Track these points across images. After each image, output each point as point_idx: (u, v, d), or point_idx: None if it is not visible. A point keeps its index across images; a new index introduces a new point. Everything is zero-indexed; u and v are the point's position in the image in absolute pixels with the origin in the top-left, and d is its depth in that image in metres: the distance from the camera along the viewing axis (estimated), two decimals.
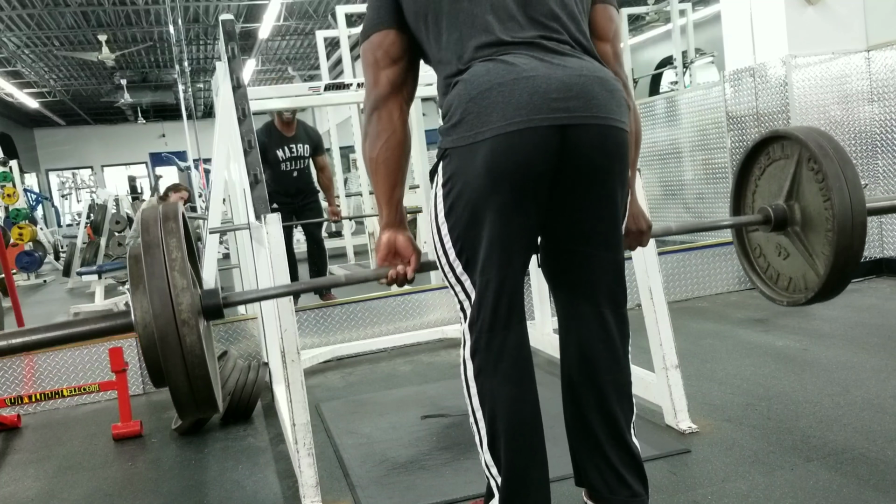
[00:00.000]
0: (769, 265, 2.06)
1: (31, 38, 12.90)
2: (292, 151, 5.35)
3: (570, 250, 1.64)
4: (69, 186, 19.41)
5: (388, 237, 1.69)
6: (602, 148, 1.52)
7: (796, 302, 1.95)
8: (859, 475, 2.01)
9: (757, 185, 2.05)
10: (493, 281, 1.53)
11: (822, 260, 1.81)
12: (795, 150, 1.86)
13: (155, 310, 1.32)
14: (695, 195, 5.86)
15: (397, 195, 1.68)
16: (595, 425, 1.67)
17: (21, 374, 3.64)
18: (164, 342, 1.32)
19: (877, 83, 4.54)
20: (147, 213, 1.44)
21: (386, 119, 1.63)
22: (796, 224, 1.89)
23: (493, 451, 1.58)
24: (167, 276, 1.33)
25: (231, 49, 2.73)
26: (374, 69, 1.65)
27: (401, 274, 1.69)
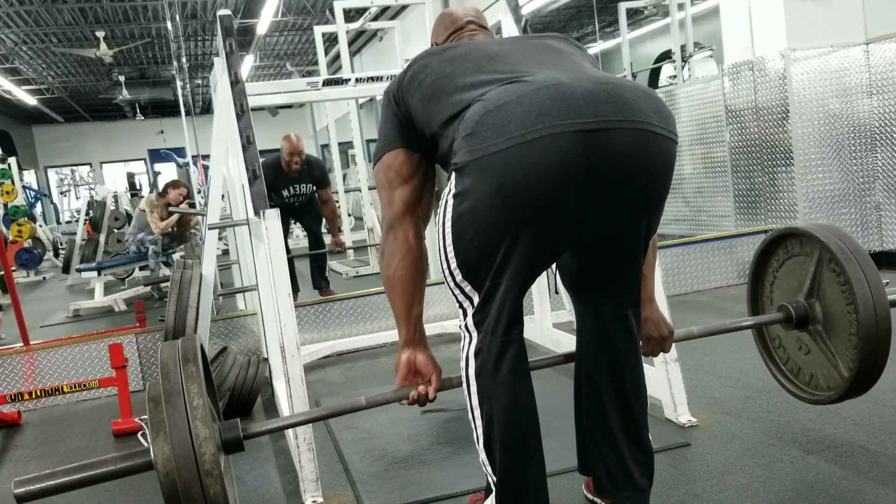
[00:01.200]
0: (789, 358, 2.06)
1: (28, 34, 12.86)
2: (296, 190, 5.53)
3: (600, 260, 1.62)
4: (68, 183, 19.37)
5: (408, 356, 1.67)
6: (639, 153, 1.41)
7: (820, 401, 1.95)
8: (859, 468, 2.02)
9: (775, 277, 2.05)
10: (501, 287, 1.50)
11: (846, 362, 1.82)
12: (815, 248, 1.86)
13: (178, 461, 1.31)
14: (694, 189, 5.86)
15: (415, 313, 1.66)
16: (614, 423, 1.68)
17: (21, 371, 3.65)
18: (188, 494, 1.31)
19: (876, 76, 4.54)
20: (166, 353, 1.42)
21: (402, 238, 1.63)
22: (818, 323, 1.88)
23: (489, 451, 1.58)
24: (189, 425, 1.32)
25: (229, 45, 2.73)
26: (388, 189, 1.66)
27: (422, 394, 1.67)
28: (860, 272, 1.74)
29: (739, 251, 4.70)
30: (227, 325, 4.02)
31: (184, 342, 1.46)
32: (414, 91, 1.62)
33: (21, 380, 3.65)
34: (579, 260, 1.67)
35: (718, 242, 4.72)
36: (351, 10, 7.99)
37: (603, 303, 1.66)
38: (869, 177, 4.63)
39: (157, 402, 1.36)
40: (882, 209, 4.61)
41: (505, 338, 1.54)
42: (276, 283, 2.25)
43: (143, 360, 3.78)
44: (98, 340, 3.72)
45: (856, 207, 4.62)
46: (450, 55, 1.63)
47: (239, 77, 2.66)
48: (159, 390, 1.37)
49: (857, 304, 1.73)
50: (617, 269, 1.61)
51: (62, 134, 22.75)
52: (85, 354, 3.70)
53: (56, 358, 3.68)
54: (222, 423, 1.53)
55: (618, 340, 1.66)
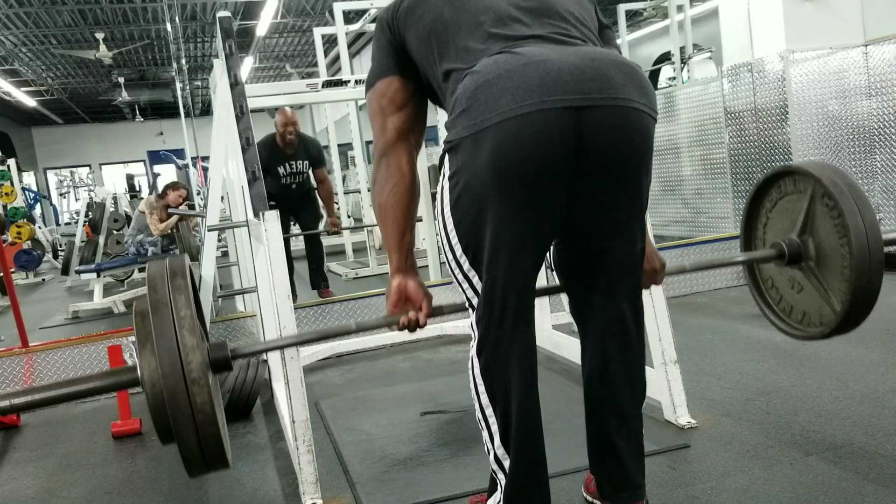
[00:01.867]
0: (782, 298, 2.05)
1: (28, 36, 12.87)
2: (293, 168, 5.47)
3: (590, 245, 1.60)
4: (67, 185, 19.39)
5: (399, 283, 1.66)
6: (621, 131, 1.44)
7: (812, 337, 1.94)
8: (858, 469, 2.02)
9: (768, 218, 2.04)
10: (500, 278, 1.50)
11: (839, 296, 1.81)
12: (809, 185, 1.85)
13: (164, 370, 1.29)
14: (693, 191, 5.86)
15: (407, 241, 1.66)
16: (610, 423, 1.68)
17: (20, 373, 3.64)
18: (174, 402, 1.29)
19: (875, 77, 4.54)
20: (154, 268, 1.42)
21: (394, 165, 1.63)
22: (811, 259, 1.88)
23: (507, 445, 1.57)
24: (176, 335, 1.31)
25: (229, 46, 2.73)
26: (381, 117, 1.65)
27: (412, 320, 1.65)
28: (854, 205, 1.73)
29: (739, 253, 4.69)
30: (227, 327, 4.02)
31: (172, 259, 1.46)
32: (410, 26, 1.62)
33: (20, 381, 3.65)
34: (570, 245, 1.65)
35: (718, 244, 4.72)
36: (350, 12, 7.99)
37: (595, 296, 1.63)
38: (868, 178, 4.63)
39: (144, 315, 1.35)
40: (881, 210, 4.62)
41: (512, 330, 1.53)
42: (275, 285, 2.25)
43: None
44: (97, 342, 3.72)
45: None
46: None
47: (238, 79, 2.66)
48: (146, 303, 1.35)
49: (850, 237, 1.72)
50: (608, 255, 1.59)
51: (61, 135, 22.76)
52: (84, 356, 3.69)
53: (55, 359, 3.68)
54: (210, 343, 1.53)
55: (610, 341, 1.64)
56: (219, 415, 1.38)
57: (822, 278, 1.85)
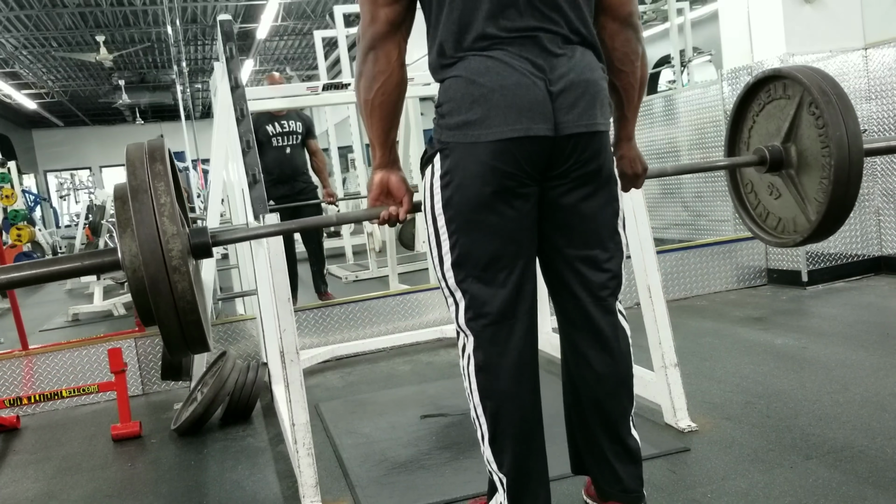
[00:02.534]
0: (759, 203, 2.04)
1: (28, 38, 12.89)
2: (283, 127, 5.33)
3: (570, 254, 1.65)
4: (67, 187, 19.37)
5: (382, 177, 1.68)
6: (590, 153, 1.57)
7: (785, 244, 1.94)
8: (858, 473, 2.01)
9: (755, 122, 2.02)
10: (489, 277, 1.53)
11: (814, 206, 1.81)
12: (797, 91, 1.84)
13: (144, 256, 1.29)
14: (693, 194, 5.86)
15: (392, 137, 1.66)
16: (591, 421, 1.70)
17: (20, 375, 3.64)
18: (156, 289, 1.30)
19: (874, 81, 4.54)
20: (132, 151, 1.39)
21: (383, 60, 1.57)
22: (791, 167, 1.88)
23: (495, 447, 1.59)
24: (156, 222, 1.30)
25: (229, 49, 2.73)
26: (372, 5, 1.57)
27: (393, 214, 1.67)
28: (839, 115, 1.73)
29: (738, 256, 4.70)
30: (227, 330, 4.02)
31: (151, 142, 1.44)
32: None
33: (20, 384, 3.64)
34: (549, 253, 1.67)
35: (717, 247, 4.71)
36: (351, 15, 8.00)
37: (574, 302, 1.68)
38: (868, 181, 4.63)
39: (124, 200, 1.34)
40: (881, 214, 4.62)
41: (506, 329, 1.55)
42: (275, 288, 2.25)
43: (142, 365, 3.77)
44: (97, 345, 3.72)
45: (854, 213, 4.57)
46: None
47: (239, 81, 2.67)
48: (125, 189, 1.34)
49: (832, 148, 1.72)
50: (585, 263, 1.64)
51: (62, 138, 22.77)
52: (84, 359, 3.69)
53: (55, 362, 3.67)
54: (191, 229, 1.52)
55: (590, 346, 1.68)
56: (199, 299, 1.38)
57: (800, 187, 1.85)
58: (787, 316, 3.87)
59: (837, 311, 3.83)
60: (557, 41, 1.53)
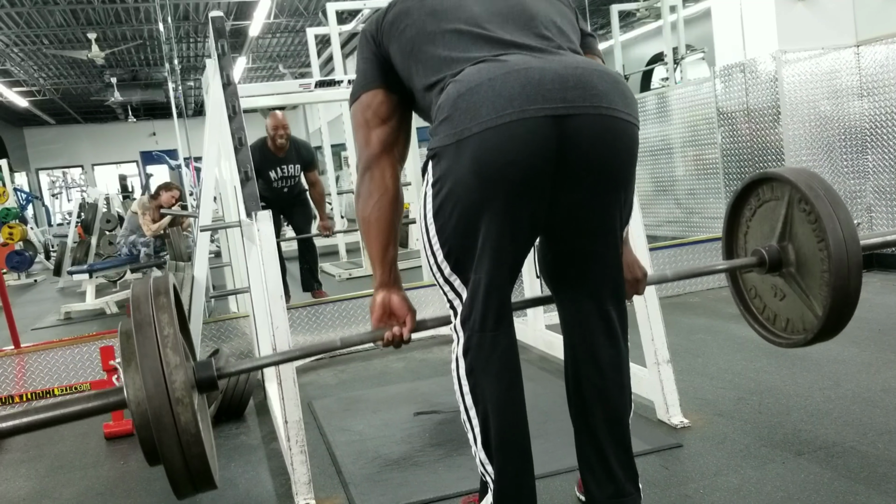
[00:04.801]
0: (765, 306, 2.06)
1: (20, 36, 12.81)
2: (284, 172, 5.45)
3: (574, 250, 1.61)
4: (59, 185, 19.32)
5: (383, 298, 1.66)
6: (605, 139, 1.44)
7: (796, 344, 1.94)
8: (850, 468, 2.02)
9: (749, 227, 2.05)
10: (484, 281, 1.51)
11: (819, 300, 1.81)
12: (785, 191, 1.86)
13: (148, 389, 1.28)
14: (686, 191, 5.88)
15: (391, 255, 1.66)
16: (598, 424, 1.67)
17: (12, 374, 3.63)
18: (159, 422, 1.28)
19: (866, 78, 4.56)
20: (138, 288, 1.41)
21: (378, 178, 1.62)
22: (791, 265, 1.88)
23: (487, 449, 1.58)
24: (160, 353, 1.30)
25: (221, 46, 2.72)
26: (365, 129, 1.64)
27: (397, 335, 1.65)
28: (829, 208, 1.74)
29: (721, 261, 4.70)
30: (220, 328, 4.01)
31: (156, 279, 1.45)
32: (394, 39, 1.62)
33: (12, 383, 3.63)
34: (555, 249, 1.65)
35: (710, 244, 4.72)
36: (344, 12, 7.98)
37: (580, 299, 1.64)
38: (860, 178, 4.65)
39: (129, 335, 1.34)
40: (873, 211, 4.63)
41: (494, 332, 1.54)
42: (268, 285, 2.25)
43: None
44: (89, 343, 3.71)
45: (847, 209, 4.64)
46: (431, 6, 1.60)
47: (231, 79, 2.66)
48: (130, 323, 1.35)
49: (828, 240, 1.73)
50: (590, 260, 1.60)
51: (54, 136, 22.65)
52: (76, 357, 3.68)
53: (47, 361, 3.66)
54: (196, 362, 1.52)
55: (598, 339, 1.64)
56: (205, 434, 1.37)
57: (803, 284, 1.86)
58: None
59: None
60: (553, 47, 1.53)
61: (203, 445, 1.32)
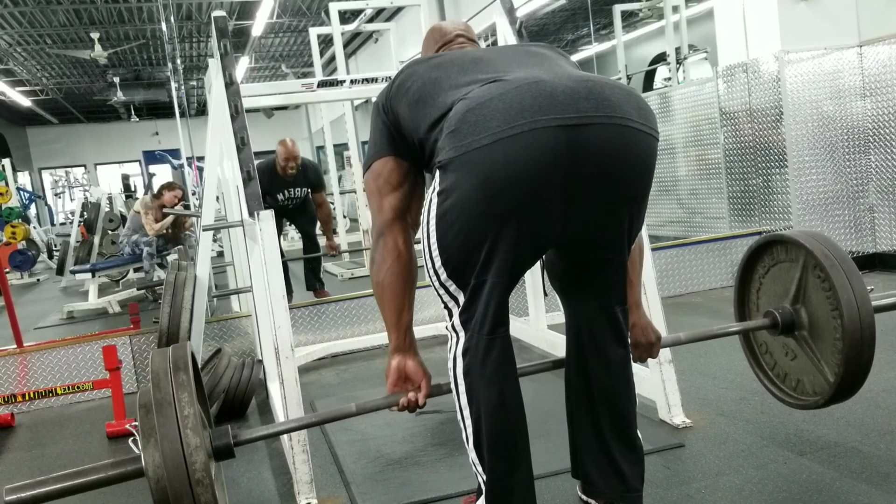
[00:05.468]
0: (776, 364, 2.07)
1: (23, 35, 12.83)
2: (291, 194, 5.52)
3: (586, 259, 1.62)
4: (62, 185, 19.35)
5: (398, 363, 1.68)
6: (617, 149, 1.43)
7: (807, 407, 1.96)
8: (852, 469, 2.02)
9: (762, 284, 2.06)
10: (486, 285, 1.51)
11: (831, 367, 1.82)
12: (800, 255, 1.87)
13: (168, 470, 1.31)
14: (688, 191, 5.87)
15: (405, 319, 1.67)
16: (604, 422, 1.69)
17: (15, 373, 3.63)
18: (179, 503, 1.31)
19: (869, 78, 4.55)
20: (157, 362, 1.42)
21: (391, 245, 1.64)
22: (804, 329, 1.89)
23: (479, 450, 1.59)
24: (180, 435, 1.32)
25: (224, 46, 2.72)
26: (378, 197, 1.67)
27: (412, 401, 1.68)
28: (844, 278, 1.75)
29: (733, 253, 4.71)
30: (222, 327, 4.01)
31: (175, 350, 1.46)
32: (401, 98, 1.63)
33: (14, 382, 3.64)
34: (565, 258, 1.68)
35: (713, 244, 4.72)
36: (346, 12, 7.99)
37: (590, 301, 1.66)
38: (862, 179, 4.64)
39: (148, 409, 1.36)
40: (875, 211, 4.63)
41: (491, 335, 1.54)
42: (270, 285, 2.25)
43: (136, 362, 3.77)
44: (92, 342, 3.71)
45: (849, 209, 4.64)
46: (436, 62, 1.65)
47: (233, 78, 2.66)
48: (150, 398, 1.36)
49: (842, 310, 1.74)
50: (602, 267, 1.61)
51: (56, 135, 22.68)
52: (79, 356, 3.69)
53: (50, 360, 3.67)
54: (213, 430, 1.53)
55: (606, 338, 1.66)
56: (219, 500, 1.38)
57: (815, 348, 1.87)
58: None
59: None
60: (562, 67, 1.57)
61: (215, 496, 1.34)
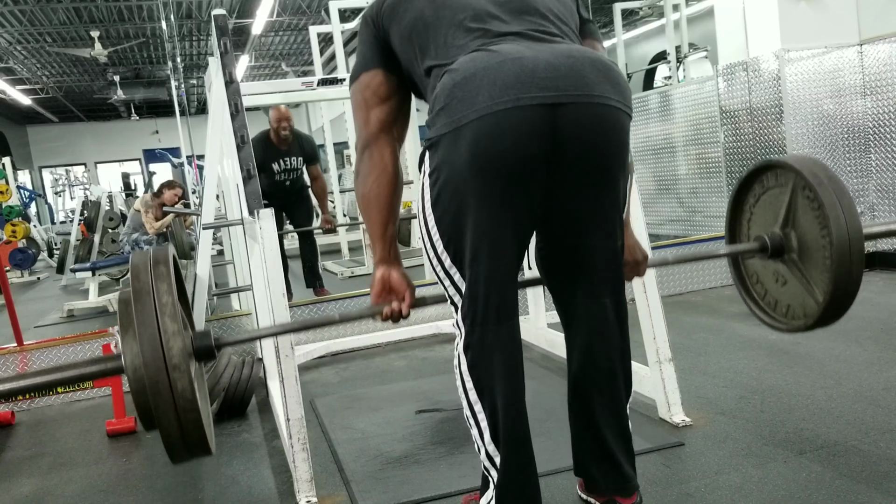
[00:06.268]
0: (767, 292, 2.06)
1: (23, 34, 12.83)
2: (287, 164, 5.46)
3: (570, 243, 1.62)
4: (62, 183, 19.35)
5: (382, 273, 1.68)
6: (596, 128, 1.47)
7: (796, 329, 1.95)
8: (851, 467, 2.02)
9: (752, 213, 2.05)
10: (482, 273, 1.52)
11: (821, 287, 1.82)
12: (790, 178, 1.87)
13: (145, 356, 1.30)
14: (688, 190, 5.87)
15: (390, 232, 1.68)
16: (599, 417, 1.69)
17: (15, 371, 3.64)
18: (155, 388, 1.29)
19: (869, 77, 4.55)
20: (137, 258, 1.43)
21: (377, 157, 1.64)
22: (793, 252, 1.89)
23: (497, 441, 1.58)
24: (157, 322, 1.31)
25: (223, 44, 2.72)
26: (364, 109, 1.67)
27: (395, 311, 1.67)
28: (833, 196, 1.75)
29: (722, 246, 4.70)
30: (222, 326, 4.02)
31: (156, 250, 1.46)
32: (393, 23, 1.64)
33: None
34: (550, 244, 1.67)
35: (713, 243, 4.72)
36: (346, 10, 7.98)
37: (576, 292, 1.66)
38: (863, 177, 4.64)
39: (128, 303, 1.36)
40: (876, 210, 4.63)
41: (497, 326, 1.54)
42: (270, 283, 2.25)
43: None
44: (92, 340, 3.72)
45: None
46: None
47: (233, 77, 2.66)
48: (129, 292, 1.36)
49: (831, 228, 1.73)
50: (589, 252, 1.61)
51: (57, 134, 22.68)
52: (79, 354, 3.69)
53: (50, 358, 3.67)
54: (194, 332, 1.53)
55: (593, 332, 1.66)
56: (201, 401, 1.38)
57: (804, 270, 1.87)
58: None
59: None
60: (549, 35, 1.55)
61: (199, 411, 1.33)
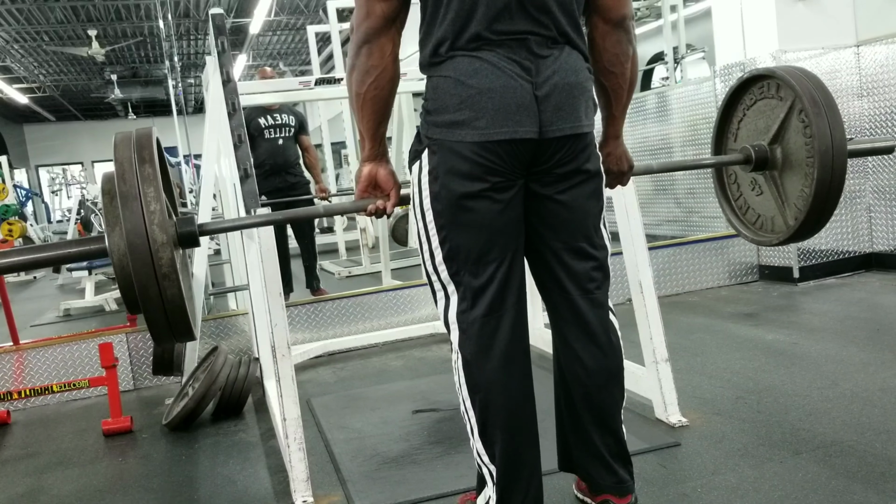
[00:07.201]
0: (741, 195, 2.07)
1: (20, 32, 12.81)
2: (276, 120, 5.36)
3: (559, 245, 1.66)
4: (59, 182, 19.32)
5: (370, 170, 1.69)
6: (571, 151, 1.59)
7: (762, 243, 1.98)
8: (847, 468, 2.02)
9: (745, 115, 2.05)
10: (479, 270, 1.57)
11: (793, 211, 1.85)
12: (789, 96, 1.87)
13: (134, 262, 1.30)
14: (685, 190, 5.87)
15: (382, 130, 1.67)
16: (582, 415, 1.72)
17: (11, 370, 3.63)
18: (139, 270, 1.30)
19: (866, 78, 4.56)
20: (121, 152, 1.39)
21: (377, 54, 1.56)
22: (776, 169, 1.91)
23: (485, 438, 1.60)
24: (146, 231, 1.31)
25: (221, 43, 2.72)
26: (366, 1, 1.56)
27: (380, 207, 1.70)
28: (827, 129, 1.76)
29: (730, 252, 4.72)
30: (218, 325, 4.01)
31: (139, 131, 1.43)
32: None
33: (11, 379, 3.63)
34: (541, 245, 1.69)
35: (709, 243, 4.72)
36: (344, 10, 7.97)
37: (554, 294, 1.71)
38: (859, 178, 4.64)
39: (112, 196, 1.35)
40: (872, 211, 4.63)
41: (493, 321, 1.58)
42: (266, 283, 2.25)
43: (133, 360, 3.76)
44: (88, 340, 3.71)
45: (846, 209, 4.64)
46: None
47: (231, 76, 2.66)
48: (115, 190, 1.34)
49: (816, 160, 1.76)
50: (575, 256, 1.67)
51: (53, 133, 22.67)
52: (75, 354, 3.68)
53: (46, 357, 3.66)
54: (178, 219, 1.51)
55: (572, 331, 1.70)
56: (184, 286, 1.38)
57: (781, 189, 1.88)
58: (779, 312, 3.88)
59: (828, 307, 3.85)
60: (546, 43, 1.56)
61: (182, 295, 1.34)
